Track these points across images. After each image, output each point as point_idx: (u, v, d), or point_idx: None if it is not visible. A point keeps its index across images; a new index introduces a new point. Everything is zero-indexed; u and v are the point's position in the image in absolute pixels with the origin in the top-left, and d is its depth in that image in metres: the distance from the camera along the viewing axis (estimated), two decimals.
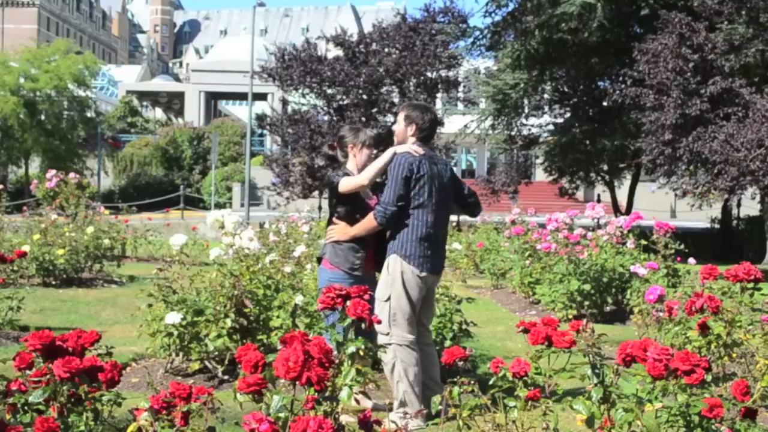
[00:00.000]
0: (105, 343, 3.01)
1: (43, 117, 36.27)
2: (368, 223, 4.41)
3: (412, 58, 23.30)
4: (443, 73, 24.37)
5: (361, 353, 2.82)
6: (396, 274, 4.34)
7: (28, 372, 2.65)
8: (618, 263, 8.52)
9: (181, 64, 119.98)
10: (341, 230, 4.51)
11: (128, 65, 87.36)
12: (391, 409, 4.38)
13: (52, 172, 13.55)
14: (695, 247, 11.15)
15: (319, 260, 4.65)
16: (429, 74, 24.08)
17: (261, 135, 45.31)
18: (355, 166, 4.61)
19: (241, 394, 2.40)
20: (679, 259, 8.04)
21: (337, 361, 2.71)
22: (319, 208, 21.95)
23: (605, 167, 22.27)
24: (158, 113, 58.45)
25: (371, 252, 4.56)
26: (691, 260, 8.01)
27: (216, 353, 5.41)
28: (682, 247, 7.98)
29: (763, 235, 17.27)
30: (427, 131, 4.53)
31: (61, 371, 2.48)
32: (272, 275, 5.92)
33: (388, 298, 4.34)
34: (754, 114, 13.91)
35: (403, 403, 4.31)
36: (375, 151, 4.75)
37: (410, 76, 23.56)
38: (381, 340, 4.35)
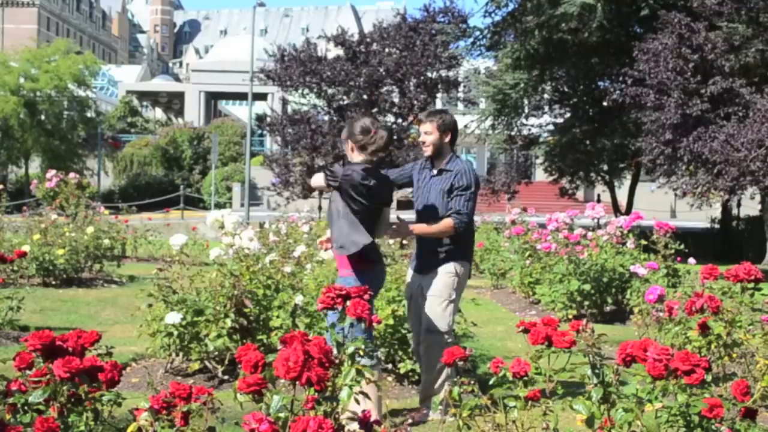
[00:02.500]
0: (105, 343, 3.01)
1: (43, 117, 36.26)
2: (445, 227, 4.47)
3: (412, 58, 23.29)
4: (443, 73, 24.36)
5: (361, 353, 2.82)
6: (462, 278, 4.58)
7: (28, 372, 2.65)
8: (618, 263, 8.52)
9: (181, 64, 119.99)
10: (422, 228, 4.55)
11: (128, 65, 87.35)
12: (417, 410, 4.57)
13: (52, 172, 13.55)
14: (695, 247, 11.15)
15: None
16: (429, 74, 24.08)
17: (261, 135, 45.31)
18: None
19: (241, 394, 2.40)
20: (679, 259, 8.04)
21: (337, 361, 2.71)
22: (319, 208, 21.95)
23: (605, 167, 22.26)
24: (158, 113, 58.44)
25: None
26: (691, 260, 8.01)
27: (216, 353, 5.41)
28: (682, 247, 7.99)
29: (763, 235, 17.27)
30: (457, 135, 4.72)
31: (61, 371, 2.48)
32: (272, 275, 5.92)
33: (453, 300, 4.54)
34: (755, 114, 13.90)
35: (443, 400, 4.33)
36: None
37: (410, 76, 23.56)
38: (435, 338, 4.46)
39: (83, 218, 12.00)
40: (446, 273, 4.52)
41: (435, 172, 4.61)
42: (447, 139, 4.60)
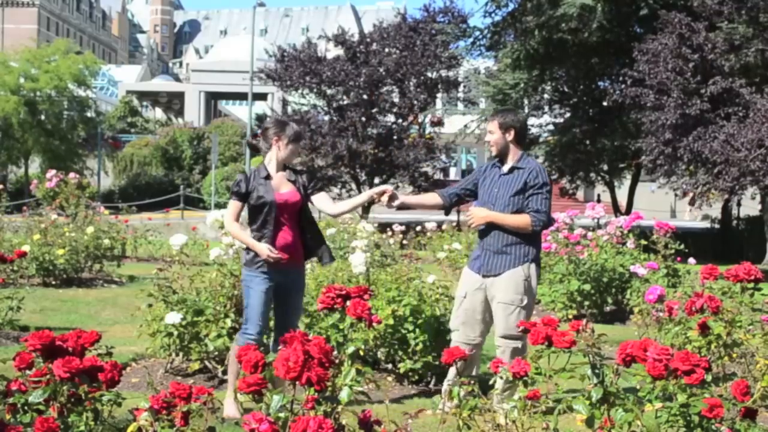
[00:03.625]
0: (105, 343, 3.00)
1: (43, 117, 36.26)
2: (522, 223, 4.40)
3: (412, 58, 23.30)
4: (443, 73, 24.37)
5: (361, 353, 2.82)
6: (533, 281, 4.47)
7: (28, 372, 2.65)
8: (618, 263, 8.52)
9: (181, 64, 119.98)
10: (489, 217, 4.51)
11: (128, 65, 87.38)
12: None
13: (52, 172, 13.55)
14: (695, 247, 11.15)
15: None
16: (429, 74, 24.09)
17: None
18: (277, 159, 4.50)
19: (241, 394, 2.40)
20: (679, 259, 8.04)
21: (337, 361, 2.71)
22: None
23: (605, 167, 22.27)
24: (158, 113, 58.46)
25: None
26: (691, 260, 8.01)
27: (216, 353, 5.42)
28: (682, 247, 7.98)
29: (763, 235, 17.26)
30: (524, 132, 4.60)
31: (61, 371, 2.48)
32: None
33: (525, 306, 4.43)
34: (755, 114, 13.90)
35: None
36: (300, 147, 4.71)
37: (410, 76, 23.57)
38: (509, 344, 4.41)
39: (83, 218, 11.99)
40: (515, 278, 4.41)
41: (505, 170, 4.52)
42: (510, 137, 4.50)
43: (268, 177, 4.47)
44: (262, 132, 4.60)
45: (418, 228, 15.37)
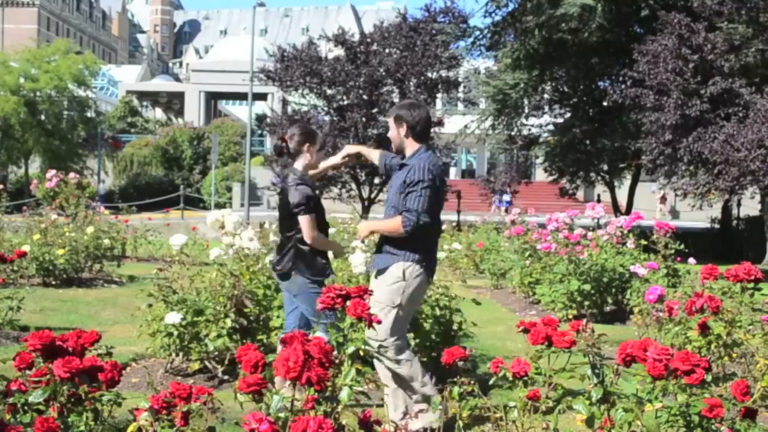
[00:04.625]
0: (105, 343, 3.00)
1: (43, 117, 36.32)
2: (392, 226, 4.14)
3: (412, 58, 23.31)
4: (443, 73, 24.38)
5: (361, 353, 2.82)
6: (411, 282, 4.13)
7: (28, 372, 2.65)
8: (618, 263, 8.52)
9: (181, 64, 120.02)
10: (369, 227, 4.43)
11: (128, 65, 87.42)
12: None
13: (52, 172, 13.54)
14: (695, 247, 11.15)
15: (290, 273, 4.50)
16: (429, 74, 24.10)
17: (261, 135, 45.35)
18: (307, 165, 4.55)
19: (241, 394, 2.40)
20: (679, 259, 8.05)
21: (337, 361, 2.71)
22: None
23: (605, 167, 22.29)
24: (158, 113, 58.48)
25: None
26: (691, 260, 8.01)
27: (216, 353, 5.42)
28: (682, 247, 7.99)
29: (763, 235, 17.27)
30: (419, 127, 4.26)
31: (61, 371, 2.48)
32: (272, 275, 5.92)
33: (398, 305, 4.12)
34: (755, 114, 13.91)
35: (407, 409, 4.11)
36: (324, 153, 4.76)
37: (411, 76, 23.58)
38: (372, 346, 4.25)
39: (83, 218, 12.00)
40: (391, 277, 4.13)
41: (399, 167, 4.33)
42: (403, 132, 4.26)
43: None
44: (289, 137, 4.62)
45: None
